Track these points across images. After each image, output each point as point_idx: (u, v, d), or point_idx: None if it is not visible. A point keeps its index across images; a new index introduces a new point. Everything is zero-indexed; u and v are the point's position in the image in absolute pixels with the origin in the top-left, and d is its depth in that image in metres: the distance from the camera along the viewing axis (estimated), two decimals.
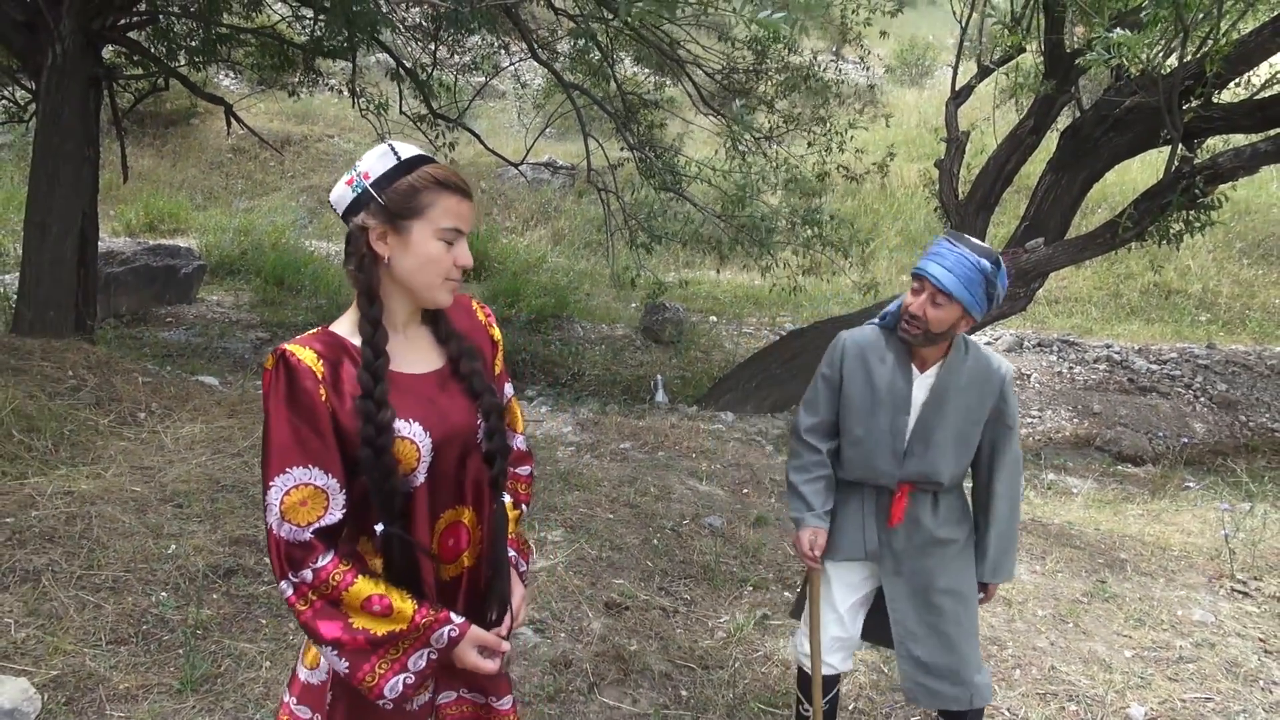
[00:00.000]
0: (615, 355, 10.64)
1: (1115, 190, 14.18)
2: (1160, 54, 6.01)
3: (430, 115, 8.83)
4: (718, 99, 9.52)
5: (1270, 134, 6.80)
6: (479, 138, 9.57)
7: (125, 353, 7.11)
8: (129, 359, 6.41)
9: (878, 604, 2.81)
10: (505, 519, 1.76)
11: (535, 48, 8.49)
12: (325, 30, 7.06)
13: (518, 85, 12.68)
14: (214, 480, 4.43)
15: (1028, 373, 10.95)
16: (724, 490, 5.62)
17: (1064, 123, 8.60)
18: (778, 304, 12.59)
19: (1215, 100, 6.73)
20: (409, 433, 1.61)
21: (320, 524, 1.57)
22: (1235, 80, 7.21)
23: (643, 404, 8.73)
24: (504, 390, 1.87)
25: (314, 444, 1.56)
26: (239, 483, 4.44)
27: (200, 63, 8.01)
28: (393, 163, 1.61)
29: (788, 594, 4.36)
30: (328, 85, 9.45)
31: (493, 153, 10.03)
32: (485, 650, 1.67)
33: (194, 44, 7.97)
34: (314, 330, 1.67)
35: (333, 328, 1.66)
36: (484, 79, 11.17)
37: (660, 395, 9.14)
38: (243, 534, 3.93)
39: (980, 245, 2.49)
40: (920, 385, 2.61)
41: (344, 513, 1.59)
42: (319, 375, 1.57)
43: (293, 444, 1.56)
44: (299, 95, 9.26)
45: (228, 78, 16.23)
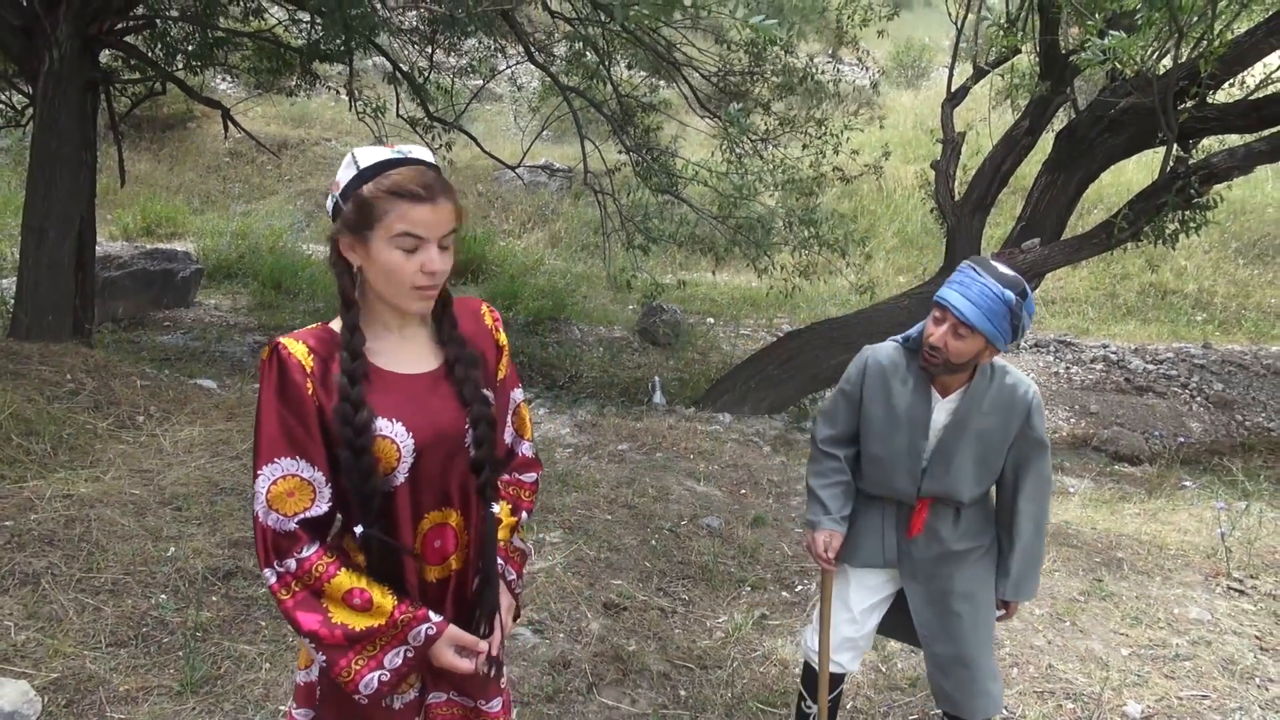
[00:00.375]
0: (613, 357, 10.65)
1: (1111, 191, 14.21)
2: (1155, 55, 6.04)
3: (427, 118, 8.85)
4: (714, 101, 9.53)
5: (1265, 134, 6.83)
6: (476, 141, 9.58)
7: (123, 356, 7.11)
8: (127, 363, 6.41)
9: (900, 601, 2.81)
10: (493, 528, 1.73)
11: (532, 51, 8.51)
12: (322, 34, 7.06)
13: (514, 88, 12.71)
14: (213, 483, 4.44)
15: (1025, 373, 10.97)
16: (722, 491, 5.64)
17: (1060, 124, 8.64)
18: (775, 305, 12.60)
19: (1210, 101, 6.76)
20: (390, 432, 1.61)
21: (306, 515, 1.59)
22: (1230, 81, 7.25)
23: (640, 405, 8.74)
24: (510, 395, 1.85)
25: (301, 437, 1.59)
26: (238, 485, 4.44)
27: (197, 67, 8.02)
28: (353, 173, 1.60)
29: (785, 594, 4.38)
30: (325, 88, 9.47)
31: (490, 155, 10.04)
32: (464, 650, 1.68)
33: (191, 48, 7.97)
34: (314, 325, 1.69)
35: (333, 324, 1.68)
36: (481, 82, 11.19)
37: (658, 397, 9.15)
38: (241, 536, 3.94)
39: (1006, 275, 2.40)
40: (941, 409, 2.57)
41: (330, 505, 1.62)
42: (308, 370, 1.60)
43: (281, 435, 1.59)
44: (296, 98, 9.27)
45: (225, 81, 16.24)
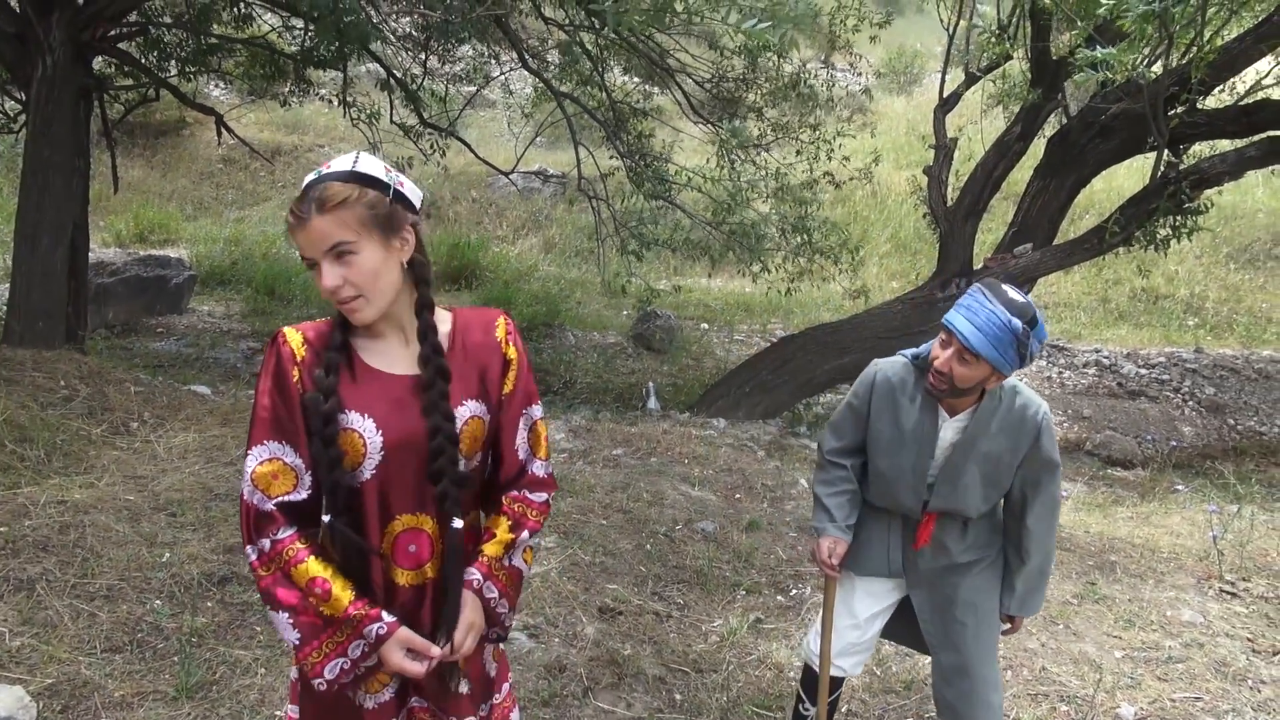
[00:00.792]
0: (607, 363, 10.65)
1: (1102, 196, 14.27)
2: (1145, 62, 6.07)
3: (420, 125, 8.85)
4: (707, 108, 9.56)
5: (1255, 139, 6.88)
6: (470, 147, 9.59)
7: (117, 363, 7.11)
8: (121, 369, 6.40)
9: (907, 608, 2.80)
10: (455, 540, 1.70)
11: (525, 57, 8.53)
12: (316, 41, 7.07)
13: (508, 94, 12.72)
14: (207, 489, 4.44)
15: (1022, 380, 10.99)
16: (716, 496, 5.64)
17: (1051, 129, 8.68)
18: (769, 311, 12.63)
19: (1200, 106, 6.80)
20: (359, 426, 1.64)
21: (285, 499, 1.63)
22: (1220, 87, 7.29)
23: (635, 411, 8.75)
24: (521, 410, 1.82)
25: (286, 423, 1.64)
26: (232, 491, 4.44)
27: (191, 73, 8.02)
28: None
29: (780, 598, 4.39)
30: (318, 95, 9.47)
31: (483, 162, 10.05)
32: (415, 654, 1.67)
33: (184, 54, 7.98)
34: (323, 319, 1.74)
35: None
36: (474, 88, 11.20)
37: (652, 402, 9.15)
38: (236, 542, 3.94)
39: (1015, 302, 2.34)
40: (949, 428, 2.54)
41: (310, 492, 1.65)
42: (299, 358, 1.66)
43: (270, 419, 1.64)
44: (290, 105, 9.28)
45: (218, 88, 16.25)
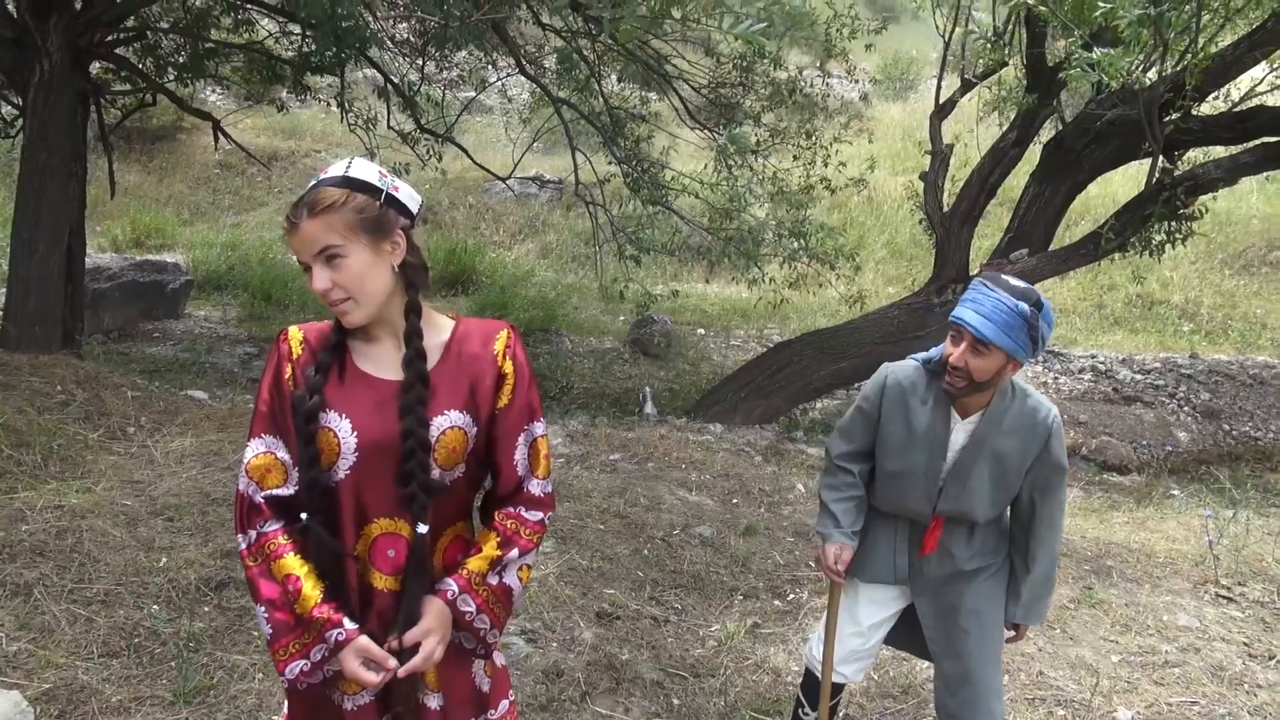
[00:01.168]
0: (604, 368, 10.65)
1: (1098, 202, 14.30)
2: (1140, 68, 6.10)
3: (417, 130, 8.86)
4: (704, 113, 9.58)
5: (1249, 145, 6.90)
6: (466, 152, 9.60)
7: (113, 368, 7.10)
8: (117, 374, 6.40)
9: (911, 615, 2.79)
10: (420, 548, 1.68)
11: (523, 63, 8.54)
12: (313, 46, 7.08)
13: (505, 100, 12.73)
14: (204, 494, 4.43)
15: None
16: (713, 500, 5.65)
17: (1046, 135, 8.70)
18: (765, 316, 12.64)
19: (1195, 113, 6.83)
20: (335, 425, 1.66)
21: (274, 492, 1.68)
22: (1214, 93, 7.32)
23: (632, 416, 8.75)
24: (521, 427, 1.79)
25: (279, 419, 1.69)
26: (229, 496, 4.43)
27: (188, 78, 8.03)
28: None
29: (778, 602, 4.39)
30: (315, 100, 9.48)
31: (480, 167, 10.06)
32: (372, 664, 1.65)
33: (182, 60, 7.98)
34: (328, 321, 1.77)
35: None
36: (472, 94, 11.23)
37: (649, 407, 9.15)
38: (234, 547, 3.93)
39: (1018, 287, 2.37)
40: (960, 430, 2.55)
41: (298, 488, 1.68)
42: (294, 357, 1.72)
43: (267, 414, 1.70)
44: (287, 110, 9.28)
45: (215, 93, 16.25)
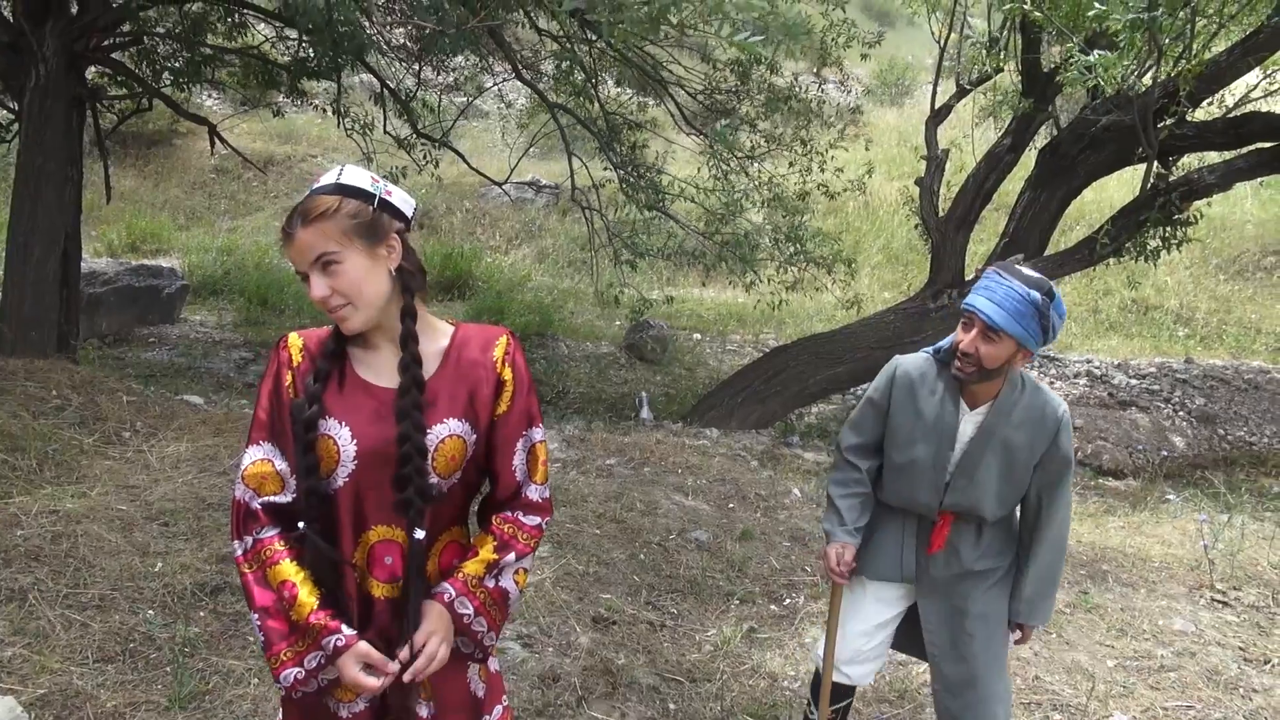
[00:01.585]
0: (600, 373, 10.65)
1: (1093, 207, 14.34)
2: (1135, 74, 6.12)
3: (414, 135, 8.86)
4: (700, 119, 9.60)
5: (1243, 151, 6.93)
6: (463, 157, 9.60)
7: (109, 372, 7.08)
8: (113, 378, 6.38)
9: (913, 616, 2.78)
10: (417, 552, 1.69)
11: (519, 68, 8.55)
12: (310, 51, 7.08)
13: (502, 105, 12.75)
14: (200, 498, 4.43)
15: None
16: (710, 505, 5.65)
17: (1042, 141, 8.73)
18: (761, 321, 12.65)
19: (1189, 119, 6.85)
20: (334, 433, 1.66)
21: (270, 499, 1.68)
22: (1208, 99, 7.35)
23: (628, 421, 8.75)
24: (520, 433, 1.79)
25: (277, 428, 1.69)
26: (225, 500, 4.43)
27: (184, 83, 8.02)
28: None
29: (774, 607, 4.39)
30: (312, 105, 9.48)
31: (477, 172, 10.06)
32: (372, 669, 1.65)
33: (178, 65, 7.98)
34: (327, 327, 1.77)
35: None
36: (468, 99, 11.23)
37: (645, 412, 9.15)
38: (229, 551, 3.91)
39: (1031, 276, 2.39)
40: (969, 421, 2.55)
41: (295, 496, 1.68)
42: (294, 364, 1.72)
43: (265, 422, 1.70)
44: (283, 114, 9.27)
45: (211, 98, 16.23)
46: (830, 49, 9.28)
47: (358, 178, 1.68)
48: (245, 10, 7.86)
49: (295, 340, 1.74)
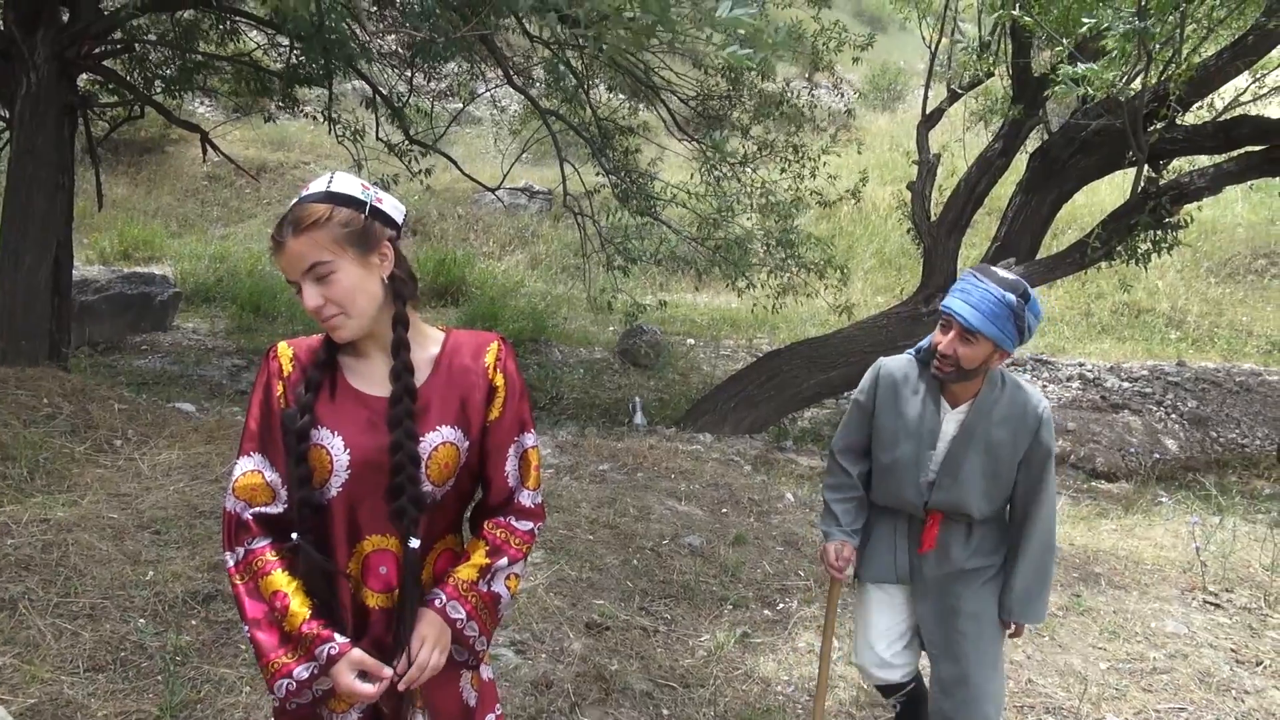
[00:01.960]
0: (593, 378, 10.66)
1: (1084, 211, 14.39)
2: (1124, 79, 6.15)
3: (406, 141, 8.86)
4: (692, 125, 9.61)
5: (1233, 154, 6.96)
6: (455, 163, 9.61)
7: (100, 380, 7.06)
8: (104, 386, 6.36)
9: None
10: (412, 560, 1.68)
11: (511, 74, 8.56)
12: (302, 59, 7.08)
13: (496, 110, 12.75)
14: (192, 506, 4.41)
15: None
16: (703, 510, 5.65)
17: (1033, 145, 8.76)
18: (755, 326, 12.67)
19: (1179, 122, 6.89)
20: (327, 443, 1.65)
21: (262, 510, 1.67)
22: (1198, 103, 7.39)
23: (621, 426, 8.75)
24: (511, 438, 1.79)
25: (267, 439, 1.68)
26: (217, 508, 4.41)
27: (176, 90, 8.02)
28: None
29: (767, 612, 4.39)
30: (303, 112, 9.48)
31: (469, 178, 10.07)
32: (368, 676, 1.63)
33: (170, 72, 7.98)
34: (316, 335, 1.76)
35: None
36: (460, 105, 11.24)
37: (638, 417, 9.16)
38: (220, 559, 3.90)
39: (1006, 278, 2.45)
40: (951, 420, 2.59)
41: (286, 507, 1.67)
42: (285, 374, 1.70)
43: (256, 433, 1.69)
44: (275, 121, 9.27)
45: (203, 105, 16.22)
46: (822, 54, 9.30)
47: (348, 185, 1.66)
48: (237, 17, 7.87)
49: (285, 350, 1.73)
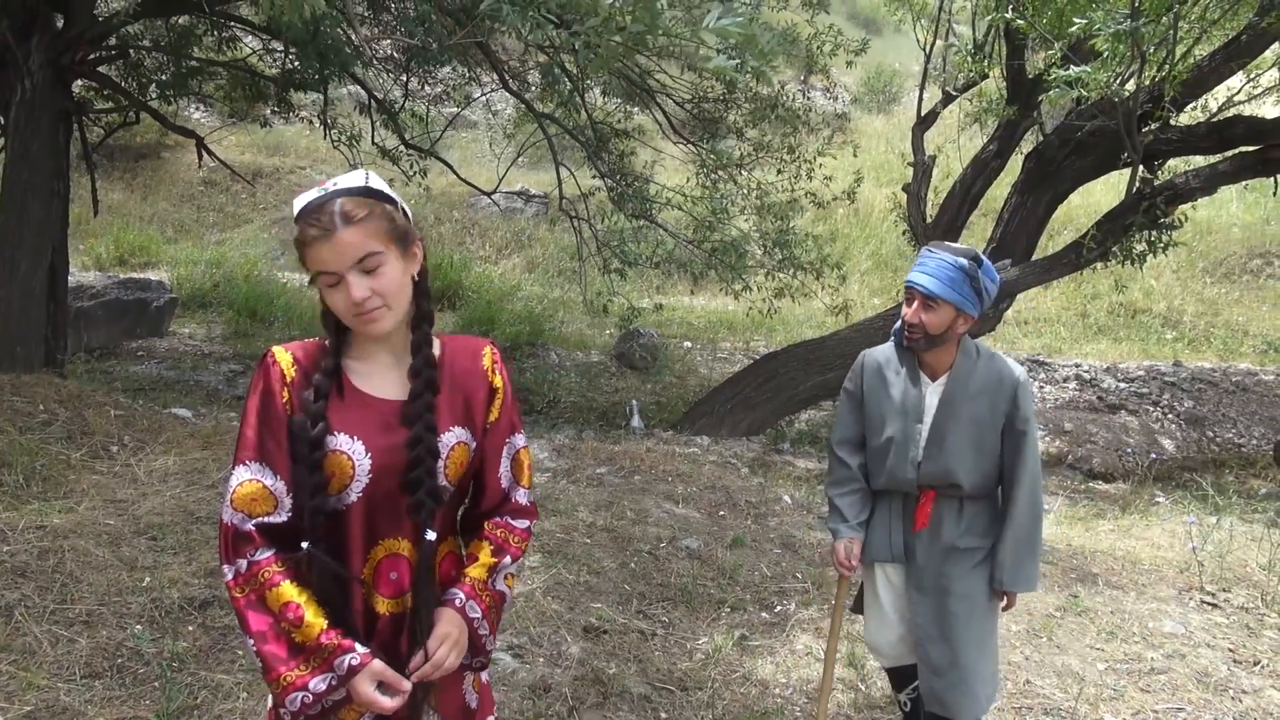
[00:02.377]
0: (590, 381, 10.65)
1: (1080, 212, 14.41)
2: (1118, 80, 6.16)
3: (402, 146, 8.87)
4: (688, 128, 9.62)
5: (1227, 155, 6.97)
6: (451, 168, 9.62)
7: (96, 387, 7.05)
8: (100, 392, 6.35)
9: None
10: (429, 554, 1.69)
11: (506, 78, 8.57)
12: (297, 64, 7.08)
13: (490, 114, 12.76)
14: (188, 512, 4.41)
15: None
16: (700, 513, 5.65)
17: (1027, 146, 8.77)
18: (751, 328, 12.67)
19: (1173, 123, 6.90)
20: (348, 448, 1.63)
21: (264, 520, 1.62)
22: (1192, 104, 7.40)
23: (618, 429, 8.75)
24: (505, 439, 1.82)
25: (270, 446, 1.63)
26: (213, 514, 4.41)
27: (171, 96, 8.01)
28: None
29: (765, 614, 4.39)
30: (299, 117, 9.48)
31: (465, 182, 10.09)
32: (387, 688, 1.62)
33: (165, 77, 7.97)
34: (312, 339, 1.74)
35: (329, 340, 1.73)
36: (456, 109, 11.24)
37: (635, 420, 9.16)
38: (217, 565, 3.91)
39: (958, 247, 2.65)
40: (932, 393, 2.72)
41: (290, 515, 1.63)
42: (288, 379, 1.66)
43: (255, 441, 1.64)
44: (270, 126, 9.26)
45: (198, 110, 16.22)
46: (816, 56, 9.32)
47: (381, 184, 1.68)
48: (232, 23, 7.87)
49: (283, 355, 1.68)
